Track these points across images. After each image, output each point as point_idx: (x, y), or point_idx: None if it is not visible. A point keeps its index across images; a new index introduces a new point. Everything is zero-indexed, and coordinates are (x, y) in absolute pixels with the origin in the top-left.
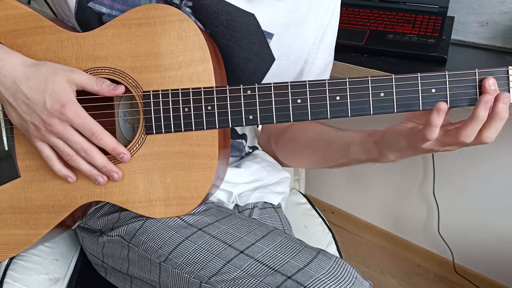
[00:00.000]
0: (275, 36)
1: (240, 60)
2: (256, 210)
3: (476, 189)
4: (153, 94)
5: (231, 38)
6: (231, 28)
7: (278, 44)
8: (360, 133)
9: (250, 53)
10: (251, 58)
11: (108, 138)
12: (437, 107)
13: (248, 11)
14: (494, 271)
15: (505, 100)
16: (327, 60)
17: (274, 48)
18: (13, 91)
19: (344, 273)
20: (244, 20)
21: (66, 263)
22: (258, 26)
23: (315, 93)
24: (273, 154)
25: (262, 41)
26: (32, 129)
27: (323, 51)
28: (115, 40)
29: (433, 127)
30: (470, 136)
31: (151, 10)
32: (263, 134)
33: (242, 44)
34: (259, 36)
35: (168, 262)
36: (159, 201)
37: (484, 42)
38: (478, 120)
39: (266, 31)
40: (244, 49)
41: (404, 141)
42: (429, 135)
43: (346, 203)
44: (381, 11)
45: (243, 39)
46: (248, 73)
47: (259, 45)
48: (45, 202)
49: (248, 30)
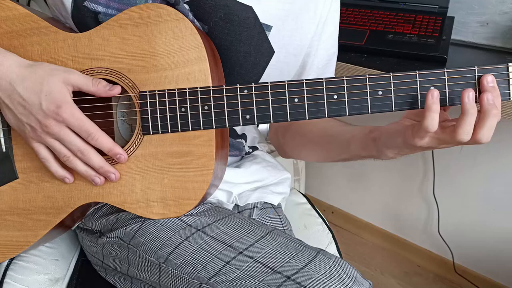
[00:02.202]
0: (273, 29)
1: (239, 54)
2: (256, 210)
3: (476, 189)
4: (149, 94)
5: (230, 32)
6: (229, 22)
7: (277, 36)
8: (361, 130)
9: (250, 47)
10: (251, 52)
11: (104, 138)
12: (430, 92)
13: (246, 4)
14: (494, 271)
15: (489, 97)
16: (330, 51)
17: (273, 41)
18: (9, 92)
19: (344, 273)
20: (242, 13)
21: (66, 263)
22: (256, 18)
23: (312, 92)
24: (281, 147)
25: (261, 34)
26: (29, 130)
27: (325, 42)
28: (111, 41)
29: (432, 113)
30: (466, 133)
31: (147, 9)
32: (272, 128)
33: (241, 38)
34: (257, 29)
35: (168, 263)
36: (156, 201)
37: (484, 42)
38: (468, 114)
39: (265, 23)
40: (243, 42)
41: (400, 139)
42: (429, 124)
43: (346, 203)
44: (381, 11)
45: (241, 33)
46: (249, 67)
47: (258, 38)
48: (43, 203)
49: (246, 23)
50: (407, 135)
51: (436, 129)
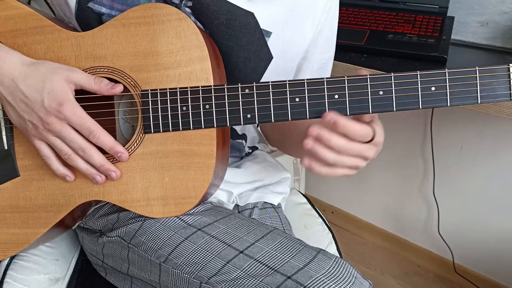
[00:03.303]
0: (273, 35)
1: (239, 59)
2: (256, 210)
3: (476, 189)
4: (151, 93)
5: (230, 37)
6: (230, 27)
7: (276, 42)
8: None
9: (249, 52)
10: (250, 57)
11: (105, 137)
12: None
13: (247, 10)
14: (494, 271)
15: (309, 142)
16: (326, 55)
17: (272, 47)
18: (11, 90)
19: (344, 272)
20: (244, 19)
21: (66, 263)
22: (257, 24)
23: (313, 92)
24: (265, 135)
25: (261, 39)
26: (31, 128)
27: (321, 46)
28: (114, 39)
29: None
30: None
31: (150, 9)
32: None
33: (241, 43)
34: (257, 34)
35: (168, 263)
36: (157, 200)
37: (484, 42)
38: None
39: (265, 29)
40: (244, 48)
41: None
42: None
43: (346, 203)
44: (381, 11)
45: (242, 38)
46: (248, 72)
47: (258, 44)
48: (44, 201)
49: (247, 29)
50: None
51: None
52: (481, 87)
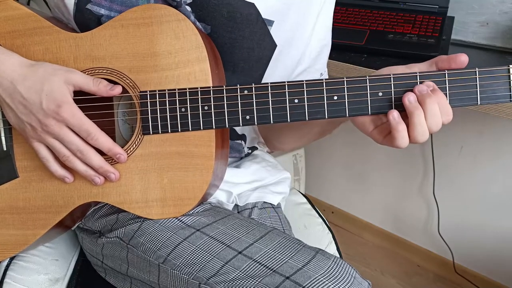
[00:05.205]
0: (275, 23)
1: (243, 50)
2: (256, 210)
3: (476, 189)
4: (150, 94)
5: (233, 29)
6: (232, 20)
7: (278, 30)
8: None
9: (253, 42)
10: (254, 47)
11: (104, 138)
12: (390, 113)
13: (248, 1)
14: (494, 271)
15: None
16: (322, 43)
17: (275, 35)
18: (10, 91)
19: (342, 272)
20: (245, 10)
21: (66, 263)
22: (258, 14)
23: (312, 93)
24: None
25: (263, 29)
26: (29, 130)
27: (318, 32)
28: (112, 41)
29: (400, 132)
30: (421, 134)
31: (149, 10)
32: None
33: (244, 34)
34: (260, 24)
35: (167, 263)
36: (155, 201)
37: (484, 42)
38: (415, 115)
39: (266, 18)
40: (247, 38)
41: (361, 128)
42: (401, 143)
43: (346, 203)
44: (381, 11)
45: (245, 29)
46: (253, 62)
47: (261, 33)
48: (43, 202)
49: (249, 19)
50: (374, 138)
51: (407, 144)
52: (481, 89)
